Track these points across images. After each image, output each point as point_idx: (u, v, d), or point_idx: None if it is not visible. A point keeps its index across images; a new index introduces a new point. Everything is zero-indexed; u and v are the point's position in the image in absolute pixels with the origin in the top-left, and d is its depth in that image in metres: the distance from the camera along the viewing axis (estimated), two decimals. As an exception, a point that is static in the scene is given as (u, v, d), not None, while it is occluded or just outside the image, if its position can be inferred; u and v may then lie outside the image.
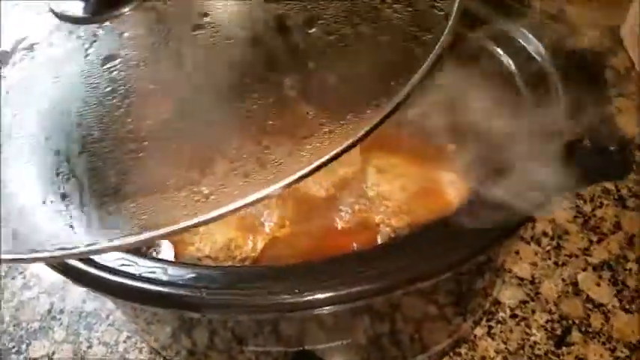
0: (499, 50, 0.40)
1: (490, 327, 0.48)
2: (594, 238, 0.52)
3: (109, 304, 0.53)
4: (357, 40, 0.29)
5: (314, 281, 0.31)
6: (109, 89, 0.28)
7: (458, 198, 0.39)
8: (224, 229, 0.41)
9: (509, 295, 0.50)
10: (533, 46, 0.38)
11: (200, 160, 0.27)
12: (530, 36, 0.38)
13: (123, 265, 0.33)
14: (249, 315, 0.33)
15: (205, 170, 0.26)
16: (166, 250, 0.41)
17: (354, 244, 0.39)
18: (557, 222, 0.53)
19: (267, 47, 0.29)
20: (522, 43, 0.38)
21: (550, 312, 0.49)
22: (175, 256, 0.41)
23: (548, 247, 0.52)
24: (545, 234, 0.53)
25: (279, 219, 0.42)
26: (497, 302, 0.49)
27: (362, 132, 0.26)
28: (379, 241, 0.39)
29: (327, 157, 0.26)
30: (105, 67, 0.29)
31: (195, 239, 0.41)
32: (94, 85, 0.29)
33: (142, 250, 0.37)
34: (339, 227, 0.41)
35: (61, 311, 0.53)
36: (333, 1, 0.30)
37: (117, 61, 0.29)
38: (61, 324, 0.52)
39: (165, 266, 0.32)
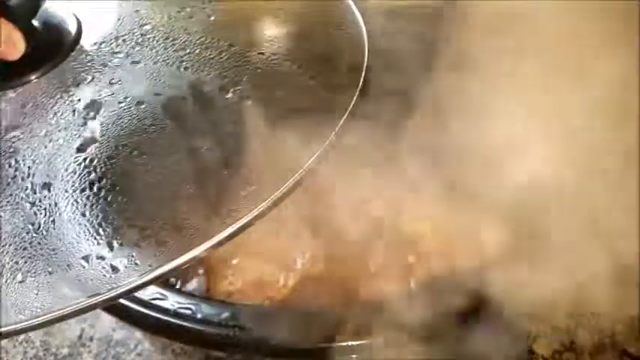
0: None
1: (522, 377, 0.47)
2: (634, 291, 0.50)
3: (137, 333, 0.53)
4: (273, 105, 0.29)
5: (346, 328, 0.31)
6: (11, 160, 0.28)
7: (495, 243, 0.39)
8: (256, 264, 0.41)
9: (542, 344, 0.48)
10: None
11: (109, 231, 0.26)
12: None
13: (156, 298, 0.33)
14: (279, 358, 0.33)
15: (114, 241, 0.25)
16: (199, 283, 0.41)
17: (387, 287, 0.39)
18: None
19: (181, 113, 0.28)
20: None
21: (585, 364, 0.47)
22: (208, 289, 0.41)
23: (585, 296, 0.51)
24: (582, 282, 0.51)
25: (312, 257, 0.41)
26: (531, 351, 0.48)
27: (279, 194, 0.26)
28: (412, 285, 0.39)
29: (245, 220, 0.25)
30: (6, 137, 0.28)
31: (228, 272, 0.41)
32: None
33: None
34: (372, 268, 0.40)
35: (91, 338, 0.53)
36: (249, 68, 0.29)
37: (19, 131, 0.28)
38: (90, 351, 0.52)
39: (199, 303, 0.32)
